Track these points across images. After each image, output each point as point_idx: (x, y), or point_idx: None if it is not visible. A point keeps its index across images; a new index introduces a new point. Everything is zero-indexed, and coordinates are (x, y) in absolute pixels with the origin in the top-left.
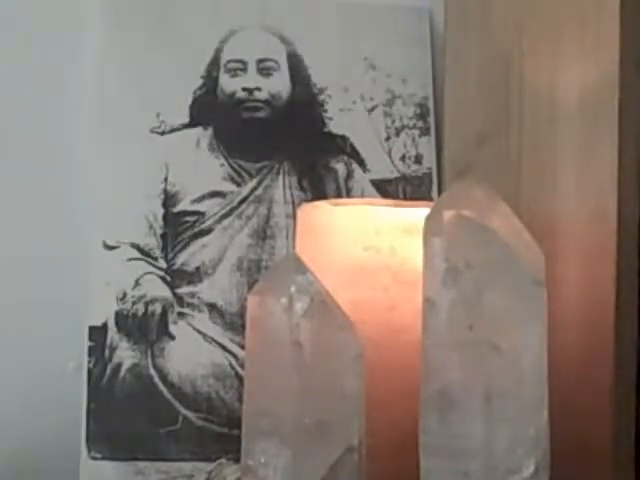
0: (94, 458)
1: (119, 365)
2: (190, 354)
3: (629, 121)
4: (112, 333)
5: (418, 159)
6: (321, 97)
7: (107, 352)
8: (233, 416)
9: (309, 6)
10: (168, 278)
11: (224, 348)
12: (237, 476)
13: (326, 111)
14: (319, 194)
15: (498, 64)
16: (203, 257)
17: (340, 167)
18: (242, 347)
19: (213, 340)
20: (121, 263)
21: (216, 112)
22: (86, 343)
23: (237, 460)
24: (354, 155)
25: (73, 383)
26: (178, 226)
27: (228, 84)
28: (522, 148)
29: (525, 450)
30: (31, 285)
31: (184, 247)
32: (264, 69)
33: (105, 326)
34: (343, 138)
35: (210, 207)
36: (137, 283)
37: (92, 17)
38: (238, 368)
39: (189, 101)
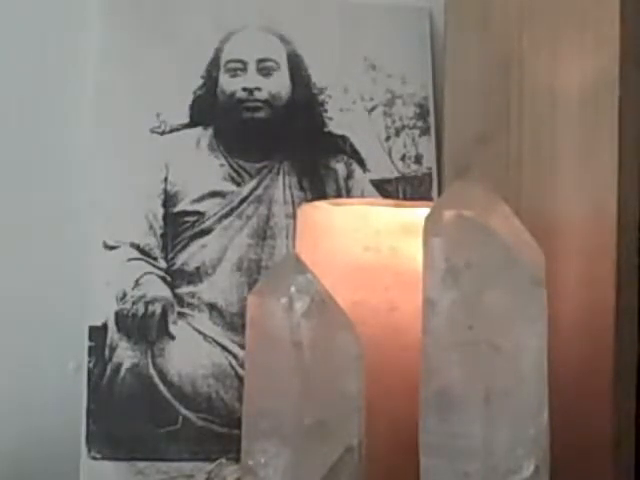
0: (94, 458)
1: (119, 365)
2: (190, 354)
3: (629, 121)
4: (112, 333)
5: (418, 159)
6: (321, 97)
7: (107, 352)
8: (233, 416)
9: (309, 6)
10: (168, 278)
11: (224, 348)
12: (237, 476)
13: (326, 111)
14: (319, 194)
15: (498, 64)
16: (203, 257)
17: (340, 167)
18: (242, 347)
19: (213, 340)
20: (121, 263)
21: (216, 112)
22: (86, 343)
23: (237, 460)
24: (354, 155)
25: (73, 383)
26: (178, 226)
27: (228, 84)
28: (522, 148)
29: (525, 450)
30: (31, 285)
31: (184, 247)
32: (264, 69)
33: (105, 326)
34: (343, 138)
35: (210, 207)
36: (137, 283)
37: (92, 17)
38: (238, 368)
39: (189, 101)
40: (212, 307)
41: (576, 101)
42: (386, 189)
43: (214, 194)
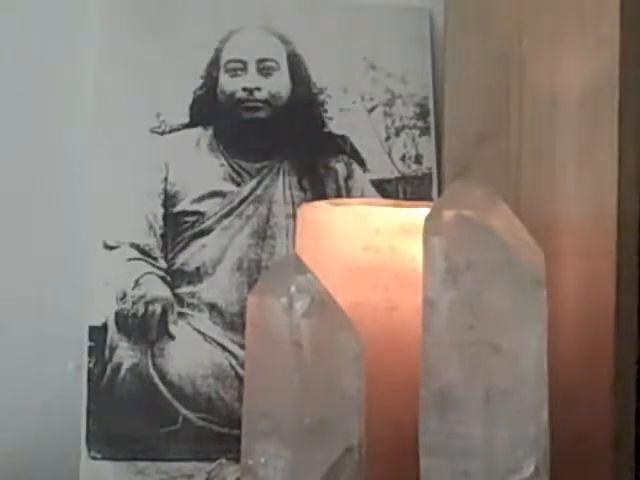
0: (94, 458)
1: (119, 365)
2: (190, 354)
3: (629, 121)
4: (112, 333)
5: (418, 159)
6: (321, 97)
7: (107, 352)
8: (233, 416)
9: (309, 6)
10: (168, 278)
11: (224, 348)
12: (237, 476)
13: (326, 111)
14: (319, 194)
15: (498, 64)
16: (203, 257)
17: (340, 167)
18: (242, 347)
19: (213, 340)
20: (121, 263)
21: (216, 112)
22: (86, 343)
23: (237, 460)
24: (354, 155)
25: (73, 383)
26: (178, 226)
27: (228, 84)
28: (522, 148)
29: (525, 450)
30: (31, 285)
31: (184, 247)
32: (264, 69)
33: (105, 326)
34: (343, 138)
35: (210, 207)
36: (137, 283)
37: (92, 17)
38: (238, 368)
39: (189, 101)
40: (212, 307)
41: (576, 101)
42: (386, 189)
43: (214, 194)
